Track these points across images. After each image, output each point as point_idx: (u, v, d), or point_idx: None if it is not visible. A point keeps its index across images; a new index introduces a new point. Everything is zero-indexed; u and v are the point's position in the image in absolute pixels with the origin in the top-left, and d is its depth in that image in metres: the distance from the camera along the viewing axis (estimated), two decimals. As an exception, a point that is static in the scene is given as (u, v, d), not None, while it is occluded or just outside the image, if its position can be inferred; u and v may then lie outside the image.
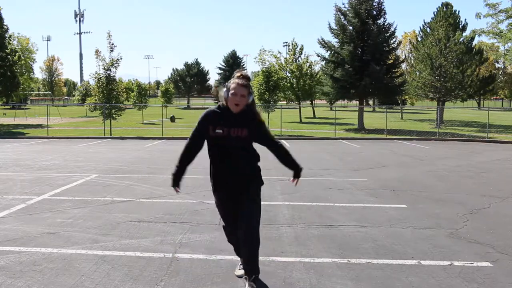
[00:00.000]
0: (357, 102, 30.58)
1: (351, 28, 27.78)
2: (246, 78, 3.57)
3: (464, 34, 32.26)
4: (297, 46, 35.13)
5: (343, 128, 27.87)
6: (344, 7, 28.20)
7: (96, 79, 23.11)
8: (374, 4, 27.68)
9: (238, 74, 3.59)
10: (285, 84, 34.41)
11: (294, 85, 34.61)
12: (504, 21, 22.56)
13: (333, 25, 28.40)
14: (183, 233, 5.43)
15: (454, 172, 10.94)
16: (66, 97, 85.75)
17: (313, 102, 44.68)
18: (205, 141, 3.85)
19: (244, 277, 3.65)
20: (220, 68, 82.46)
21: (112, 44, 22.31)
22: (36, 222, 5.86)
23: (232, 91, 3.50)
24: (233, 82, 3.53)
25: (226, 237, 4.02)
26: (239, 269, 4.00)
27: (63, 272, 4.17)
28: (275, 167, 11.20)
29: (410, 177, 10.11)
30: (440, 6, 33.71)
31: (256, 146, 3.80)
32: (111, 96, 22.89)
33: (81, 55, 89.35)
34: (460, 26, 32.89)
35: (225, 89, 3.56)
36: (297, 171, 3.87)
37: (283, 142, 20.22)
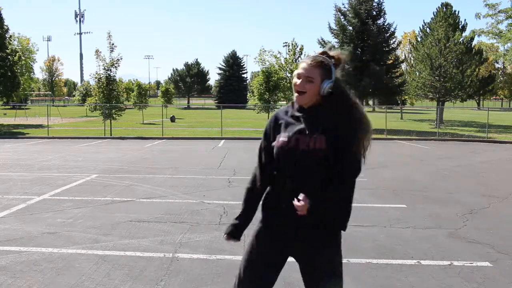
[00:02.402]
0: (357, 102, 30.55)
1: (351, 28, 27.81)
2: (326, 56, 2.30)
3: (463, 34, 32.22)
4: (297, 46, 35.07)
5: (343, 128, 27.82)
6: (344, 7, 28.26)
7: (96, 79, 23.08)
8: (374, 4, 27.73)
9: (322, 51, 2.36)
10: (285, 84, 34.38)
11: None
12: (503, 21, 22.58)
13: (333, 25, 28.45)
14: (183, 233, 5.43)
15: (454, 172, 10.95)
16: (67, 97, 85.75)
17: (313, 102, 44.62)
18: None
19: None
20: (220, 68, 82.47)
21: (112, 44, 22.29)
22: (36, 222, 5.86)
23: (296, 73, 2.28)
24: (301, 61, 2.32)
25: None
26: None
27: (63, 272, 4.17)
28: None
29: (410, 177, 10.12)
30: (440, 6, 33.67)
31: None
32: (111, 96, 22.87)
33: (81, 55, 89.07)
34: (460, 27, 32.86)
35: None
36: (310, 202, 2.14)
37: None
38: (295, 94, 2.29)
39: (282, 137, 2.25)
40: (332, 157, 2.17)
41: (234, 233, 2.40)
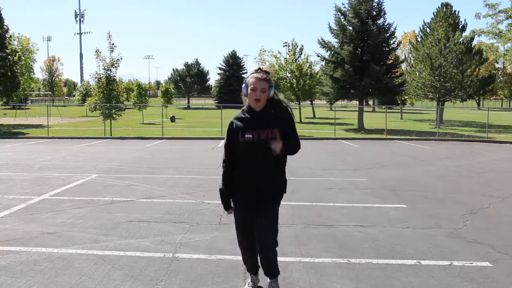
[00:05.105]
0: (357, 102, 30.58)
1: (351, 28, 27.76)
2: (264, 72, 3.37)
3: (463, 34, 32.19)
4: (297, 46, 35.07)
5: (343, 128, 27.87)
6: (344, 7, 28.19)
7: (96, 79, 23.08)
8: (374, 4, 27.65)
9: (256, 68, 3.41)
10: (285, 84, 34.38)
11: (294, 85, 34.56)
12: (503, 21, 22.53)
13: (333, 25, 28.38)
14: (183, 233, 5.43)
15: (454, 172, 10.94)
16: (67, 97, 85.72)
17: (313, 102, 44.66)
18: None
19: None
20: (220, 68, 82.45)
21: (112, 44, 22.30)
22: (36, 222, 5.87)
23: (251, 86, 3.29)
24: (251, 77, 3.33)
25: (242, 254, 3.73)
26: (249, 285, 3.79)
27: (63, 272, 4.17)
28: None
29: (410, 177, 10.12)
30: (440, 6, 33.65)
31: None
32: (111, 96, 22.87)
33: (81, 55, 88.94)
34: (460, 27, 32.84)
35: (244, 85, 3.37)
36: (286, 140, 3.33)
37: None
38: (253, 102, 3.31)
39: (247, 134, 3.30)
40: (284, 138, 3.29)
41: (230, 204, 3.53)
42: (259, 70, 3.37)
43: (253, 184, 3.37)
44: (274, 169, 3.39)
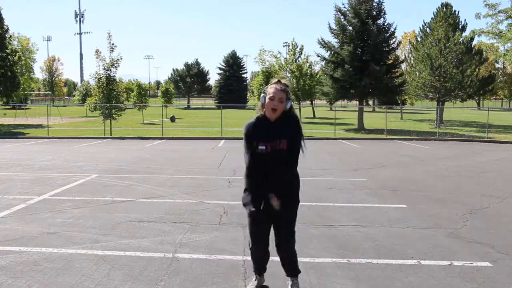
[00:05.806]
0: (357, 102, 30.58)
1: (351, 28, 27.77)
2: (284, 84, 3.46)
3: (463, 34, 32.20)
4: (297, 46, 35.09)
5: (343, 128, 27.87)
6: (344, 7, 28.21)
7: (96, 79, 23.09)
8: (374, 4, 27.66)
9: (276, 79, 3.50)
10: (285, 84, 34.36)
11: (294, 85, 34.57)
12: (503, 21, 22.56)
13: (333, 25, 28.40)
14: (183, 233, 5.43)
15: (454, 172, 10.95)
16: (67, 97, 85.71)
17: (313, 102, 44.68)
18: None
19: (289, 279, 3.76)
20: (220, 68, 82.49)
21: (112, 44, 22.30)
22: (36, 222, 5.86)
23: (270, 95, 3.38)
24: (270, 87, 3.43)
25: (252, 257, 3.74)
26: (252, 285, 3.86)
27: (63, 272, 4.17)
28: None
29: (410, 177, 10.12)
30: (440, 6, 33.67)
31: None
32: (111, 96, 22.88)
33: (81, 55, 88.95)
34: (460, 26, 32.85)
35: (262, 94, 3.47)
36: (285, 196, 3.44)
37: None
38: (270, 111, 3.38)
39: (260, 146, 3.37)
40: (288, 152, 3.39)
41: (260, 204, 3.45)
42: (279, 82, 3.45)
43: (262, 188, 3.43)
44: (282, 178, 3.44)
